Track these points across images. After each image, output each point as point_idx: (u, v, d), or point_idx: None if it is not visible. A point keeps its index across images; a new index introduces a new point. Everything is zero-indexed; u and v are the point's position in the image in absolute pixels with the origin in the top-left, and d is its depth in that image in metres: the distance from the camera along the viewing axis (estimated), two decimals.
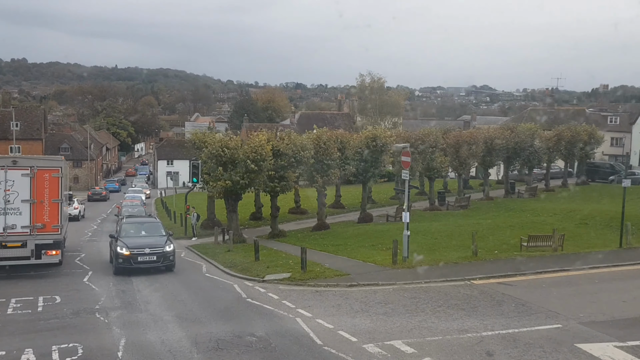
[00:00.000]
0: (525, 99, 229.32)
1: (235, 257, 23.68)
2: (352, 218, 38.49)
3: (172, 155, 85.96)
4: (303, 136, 30.55)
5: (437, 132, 39.28)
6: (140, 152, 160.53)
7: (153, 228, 21.88)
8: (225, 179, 27.57)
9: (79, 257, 25.34)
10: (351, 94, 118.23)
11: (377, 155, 34.02)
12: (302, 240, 28.90)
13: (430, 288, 16.92)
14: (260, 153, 27.56)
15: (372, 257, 21.64)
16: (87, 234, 35.36)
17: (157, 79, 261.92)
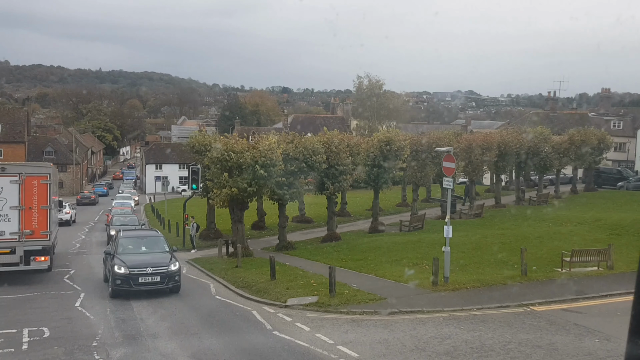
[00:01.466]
0: (511, 104, 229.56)
1: (246, 274, 21.04)
2: (361, 227, 36.03)
3: (160, 159, 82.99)
4: (314, 139, 27.98)
5: (451, 135, 36.95)
6: (125, 156, 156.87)
7: (155, 243, 19.13)
8: (230, 186, 24.94)
9: (68, 274, 22.52)
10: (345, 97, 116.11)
11: (391, 160, 31.57)
12: (314, 253, 26.37)
13: (487, 317, 14.44)
14: (270, 157, 24.97)
15: (403, 276, 19.13)
16: (75, 245, 32.44)
17: (142, 82, 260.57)
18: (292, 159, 26.87)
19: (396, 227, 34.29)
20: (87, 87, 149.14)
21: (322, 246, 28.57)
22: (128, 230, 21.11)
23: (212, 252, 29.10)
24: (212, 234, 32.16)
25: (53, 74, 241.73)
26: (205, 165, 30.11)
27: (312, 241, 31.12)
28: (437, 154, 34.72)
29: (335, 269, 16.59)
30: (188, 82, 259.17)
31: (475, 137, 39.72)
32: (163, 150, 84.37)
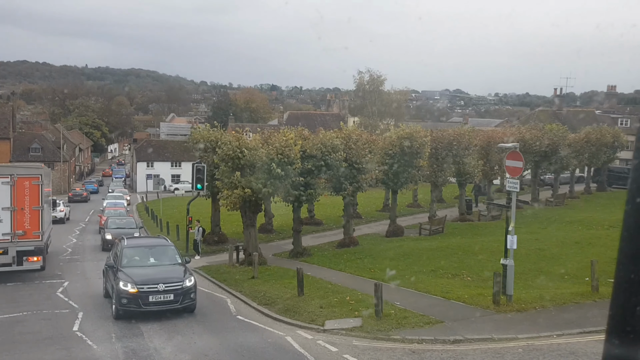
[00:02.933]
0: (499, 102, 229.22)
1: (267, 288, 18.47)
2: (375, 230, 33.57)
3: (152, 156, 79.87)
4: (332, 134, 25.44)
5: (470, 131, 34.60)
6: (114, 154, 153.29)
7: (164, 253, 16.44)
8: (243, 187, 22.34)
9: (62, 286, 19.80)
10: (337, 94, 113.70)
11: (411, 158, 29.12)
12: (334, 261, 23.87)
13: (574, 347, 12.01)
14: (288, 155, 22.42)
15: (452, 292, 16.68)
16: (67, 250, 29.61)
17: (129, 79, 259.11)
18: (309, 157, 24.34)
19: (413, 230, 31.92)
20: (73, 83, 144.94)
21: (340, 252, 26.06)
22: (132, 238, 18.29)
23: (219, 259, 26.50)
24: (217, 237, 29.52)
25: (38, 70, 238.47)
26: (212, 164, 27.53)
27: (327, 246, 28.62)
28: (457, 151, 32.47)
29: (382, 286, 14.04)
30: (175, 79, 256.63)
31: (494, 134, 37.40)
32: (155, 147, 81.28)
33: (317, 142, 24.67)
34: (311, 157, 24.47)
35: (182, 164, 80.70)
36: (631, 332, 1.42)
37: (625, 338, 1.43)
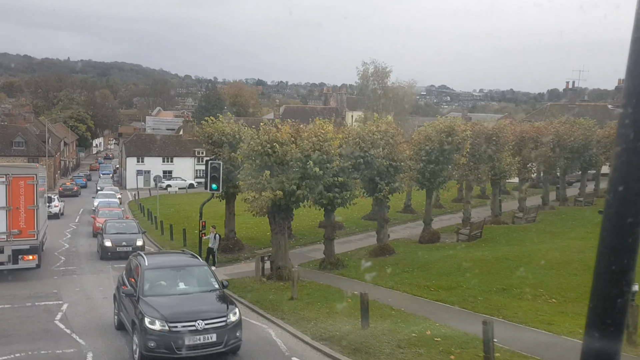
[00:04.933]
0: (485, 98, 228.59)
1: (314, 314, 15.08)
2: (401, 234, 30.38)
3: (142, 151, 75.88)
4: (370, 127, 22.09)
5: (506, 126, 31.45)
6: (99, 148, 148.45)
7: (197, 276, 12.92)
8: (273, 188, 18.92)
9: (60, 311, 16.21)
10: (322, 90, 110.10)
11: (450, 155, 25.91)
12: (377, 275, 20.52)
13: None
14: (327, 151, 19.04)
15: (551, 321, 13.48)
16: (60, 258, 25.93)
17: (112, 72, 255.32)
18: (346, 154, 21.00)
19: (446, 235, 28.75)
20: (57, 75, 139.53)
21: (377, 263, 22.75)
22: (152, 255, 14.52)
23: (237, 270, 23.05)
24: (232, 244, 26.03)
25: (19, 63, 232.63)
26: (227, 160, 24.08)
27: (357, 254, 25.32)
28: (497, 147, 29.32)
29: (492, 325, 10.69)
30: (160, 72, 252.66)
31: (527, 129, 34.31)
32: (145, 142, 77.28)
33: (355, 136, 21.31)
34: (348, 153, 21.13)
35: (175, 159, 77.02)
36: (611, 324, 1.35)
37: (605, 331, 1.36)
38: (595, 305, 1.46)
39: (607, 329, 1.44)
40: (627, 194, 1.37)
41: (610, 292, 1.43)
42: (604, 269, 1.43)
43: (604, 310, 1.45)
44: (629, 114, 1.35)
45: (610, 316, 1.43)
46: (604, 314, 1.45)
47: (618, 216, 1.39)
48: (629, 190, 1.37)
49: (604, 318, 1.45)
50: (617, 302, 1.41)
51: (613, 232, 1.41)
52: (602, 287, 1.45)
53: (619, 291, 1.41)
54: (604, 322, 1.44)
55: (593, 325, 1.47)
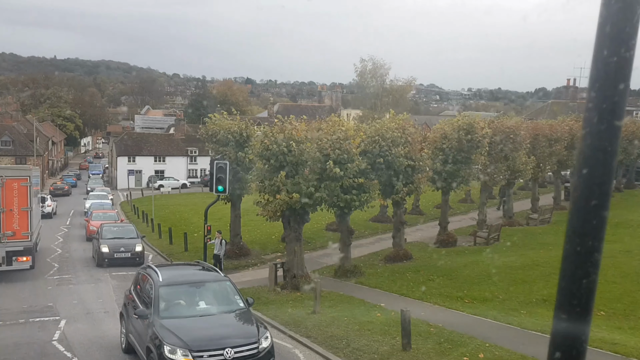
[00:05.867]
0: (473, 97, 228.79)
1: (343, 330, 13.54)
2: (413, 237, 28.91)
3: (133, 151, 73.85)
4: (390, 124, 20.60)
5: (521, 123, 30.11)
6: (87, 147, 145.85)
7: (219, 293, 11.30)
8: (288, 190, 17.39)
9: (58, 329, 14.52)
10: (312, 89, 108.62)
11: (469, 154, 24.53)
12: (398, 283, 19.10)
13: None
14: (347, 150, 17.54)
15: (616, 341, 12.08)
16: (53, 265, 24.21)
17: (99, 70, 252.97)
18: (365, 152, 19.52)
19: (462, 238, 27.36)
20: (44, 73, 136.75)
21: (396, 269, 21.32)
22: (165, 268, 12.73)
23: (246, 278, 21.49)
24: (238, 249, 24.44)
25: (5, 61, 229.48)
26: (233, 160, 22.52)
27: (371, 260, 23.87)
28: (514, 145, 27.98)
29: None
30: (147, 71, 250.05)
31: (541, 127, 32.99)
32: (136, 141, 75.27)
33: (374, 133, 19.83)
34: (365, 152, 19.67)
35: (167, 158, 75.15)
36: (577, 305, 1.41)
37: (572, 312, 1.42)
38: (562, 287, 1.45)
39: (574, 310, 1.43)
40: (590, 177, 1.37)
41: (576, 273, 1.43)
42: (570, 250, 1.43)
43: (570, 292, 1.43)
44: (593, 97, 1.36)
45: (577, 297, 1.42)
46: (570, 295, 1.43)
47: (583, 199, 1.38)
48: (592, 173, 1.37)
49: (570, 299, 1.43)
50: (582, 282, 1.41)
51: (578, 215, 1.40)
52: (569, 268, 1.44)
53: (584, 272, 1.42)
54: (571, 303, 1.43)
55: (561, 307, 1.45)
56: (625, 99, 1.37)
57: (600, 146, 1.37)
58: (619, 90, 1.35)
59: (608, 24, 1.33)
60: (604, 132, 1.37)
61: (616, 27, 1.33)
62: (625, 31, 1.32)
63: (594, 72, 1.37)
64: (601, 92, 1.36)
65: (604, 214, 1.40)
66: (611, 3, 1.32)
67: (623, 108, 1.37)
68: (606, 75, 1.35)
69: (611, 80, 1.35)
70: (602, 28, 1.34)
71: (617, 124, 1.36)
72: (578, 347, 1.46)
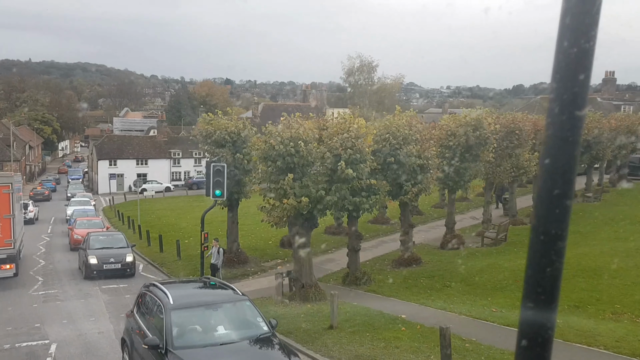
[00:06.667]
0: (452, 95, 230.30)
1: (367, 349, 12.24)
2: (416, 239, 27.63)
3: (114, 154, 71.73)
4: (401, 120, 19.36)
5: (525, 118, 29.12)
6: (65, 151, 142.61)
7: (240, 315, 9.82)
8: (296, 194, 16.06)
9: (49, 355, 13.01)
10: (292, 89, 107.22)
11: (476, 151, 23.44)
12: (411, 290, 17.90)
13: None
14: (360, 150, 16.26)
15: None
16: (37, 279, 22.54)
17: (76, 73, 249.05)
18: (374, 152, 18.27)
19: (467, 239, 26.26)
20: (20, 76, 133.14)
21: (406, 275, 20.10)
22: (175, 286, 11.00)
23: (247, 288, 19.89)
24: (236, 257, 23.02)
25: None
26: (231, 162, 21.12)
27: (377, 264, 22.64)
28: (519, 142, 26.97)
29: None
30: (125, 73, 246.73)
31: (540, 122, 32.03)
32: (117, 144, 73.12)
33: (384, 131, 18.58)
34: (375, 152, 18.41)
35: (149, 161, 73.17)
36: (542, 293, 1.44)
37: (538, 300, 1.45)
38: (529, 276, 1.46)
39: (539, 298, 1.45)
40: (552, 167, 1.41)
41: (540, 261, 1.44)
42: (535, 239, 1.44)
43: (535, 280, 1.45)
44: (554, 88, 1.39)
45: (542, 285, 1.44)
46: (535, 284, 1.45)
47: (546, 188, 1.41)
48: (554, 163, 1.41)
49: (535, 287, 1.45)
50: (547, 271, 1.43)
51: (542, 204, 1.42)
52: (534, 257, 1.45)
53: (548, 260, 1.42)
54: (536, 291, 1.45)
55: (527, 295, 1.47)
56: (587, 89, 1.38)
57: (562, 136, 1.38)
58: (580, 81, 1.37)
59: (568, 16, 1.35)
60: (566, 122, 1.38)
61: (576, 18, 1.35)
62: (584, 22, 1.34)
63: (555, 64, 1.39)
64: (562, 83, 1.37)
65: (567, 202, 1.41)
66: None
67: (584, 98, 1.39)
68: (567, 66, 1.37)
69: (572, 71, 1.37)
70: (562, 20, 1.36)
71: (578, 114, 1.38)
72: (544, 334, 1.46)
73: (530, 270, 1.45)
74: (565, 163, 1.40)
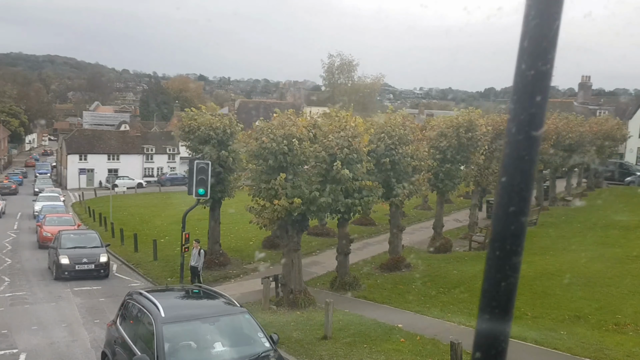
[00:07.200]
0: (426, 96, 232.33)
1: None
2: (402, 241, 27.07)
3: (85, 148, 69.64)
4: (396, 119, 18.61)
5: None
6: (32, 144, 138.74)
7: (239, 330, 8.77)
8: (288, 195, 15.17)
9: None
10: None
11: (468, 153, 22.87)
12: (405, 296, 17.17)
13: None
14: (357, 149, 15.44)
15: None
16: (3, 279, 21.13)
17: (44, 65, 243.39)
18: (369, 152, 17.46)
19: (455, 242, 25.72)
20: None
21: (397, 279, 19.37)
22: (163, 296, 9.77)
23: (230, 292, 18.87)
24: (217, 259, 21.98)
25: None
26: (215, 160, 20.11)
27: (363, 268, 21.87)
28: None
29: None
30: (95, 66, 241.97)
31: None
32: (88, 138, 70.99)
33: (379, 130, 17.80)
34: (369, 152, 17.61)
35: (121, 156, 71.26)
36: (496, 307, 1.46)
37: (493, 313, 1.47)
38: (485, 289, 1.48)
39: (494, 312, 1.46)
40: (509, 185, 1.44)
41: (495, 276, 1.46)
42: (491, 254, 1.47)
43: (490, 294, 1.47)
44: (512, 109, 1.41)
45: (496, 299, 1.46)
46: (490, 298, 1.47)
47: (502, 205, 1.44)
48: (511, 181, 1.44)
49: (490, 301, 1.47)
50: (501, 285, 1.45)
51: (498, 220, 1.45)
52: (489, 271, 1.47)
53: (503, 275, 1.45)
54: (491, 304, 1.46)
55: (483, 308, 1.48)
56: (544, 110, 1.41)
57: (518, 155, 1.42)
58: (536, 102, 1.39)
59: (526, 39, 1.38)
60: (522, 142, 1.41)
61: (534, 42, 1.37)
62: (542, 46, 1.37)
63: (514, 85, 1.43)
64: (519, 104, 1.39)
65: (523, 219, 1.43)
66: (529, 19, 1.36)
67: (541, 119, 1.41)
68: (524, 88, 1.39)
69: (529, 92, 1.39)
70: (521, 43, 1.39)
71: (534, 135, 1.41)
72: (498, 347, 1.48)
73: (486, 284, 1.48)
74: (522, 181, 1.42)
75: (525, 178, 1.42)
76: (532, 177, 1.43)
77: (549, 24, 1.36)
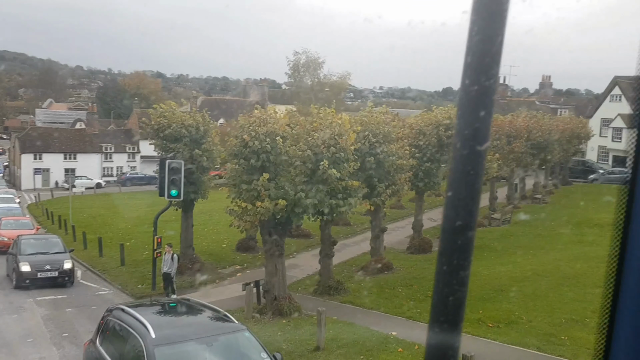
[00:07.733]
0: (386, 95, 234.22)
1: None
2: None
3: (40, 147, 66.78)
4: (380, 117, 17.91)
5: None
6: None
7: (237, 352, 7.82)
8: (271, 196, 14.28)
9: None
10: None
11: (448, 152, 22.41)
12: (394, 301, 16.52)
13: None
14: (343, 148, 14.67)
15: None
16: None
17: None
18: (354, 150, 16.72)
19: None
20: None
21: (381, 283, 18.70)
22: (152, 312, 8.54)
23: (206, 299, 18.04)
24: (191, 264, 20.86)
25: None
26: (187, 159, 19.03)
27: (345, 270, 21.13)
28: None
29: None
30: (47, 62, 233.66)
31: (498, 123, 31.57)
32: (43, 137, 68.13)
33: (363, 128, 17.06)
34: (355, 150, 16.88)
35: (78, 155, 68.67)
36: (445, 321, 1.47)
37: (442, 326, 1.47)
38: (434, 302, 1.49)
39: (442, 326, 1.47)
40: (455, 199, 1.44)
41: (443, 290, 1.46)
42: (439, 268, 1.47)
43: (439, 308, 1.48)
44: (457, 124, 1.42)
45: (444, 313, 1.46)
46: (439, 312, 1.48)
47: (449, 219, 1.44)
48: (457, 195, 1.44)
49: (439, 316, 1.48)
50: (449, 300, 1.45)
51: (445, 235, 1.44)
52: (438, 285, 1.47)
53: (450, 290, 1.45)
54: (439, 320, 1.48)
55: (432, 321, 1.49)
56: (488, 125, 1.41)
57: (464, 170, 1.41)
58: (480, 117, 1.39)
59: (469, 55, 1.38)
60: (467, 156, 1.40)
61: (477, 57, 1.37)
62: (485, 62, 1.37)
63: (458, 100, 1.41)
64: (464, 119, 1.39)
65: (470, 234, 1.43)
66: (472, 35, 1.36)
67: (486, 134, 1.41)
68: (468, 103, 1.39)
69: (473, 107, 1.39)
70: (465, 58, 1.39)
71: (479, 149, 1.40)
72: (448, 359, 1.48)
73: (435, 298, 1.46)
74: (467, 195, 1.40)
75: (472, 192, 1.41)
76: (479, 191, 1.42)
77: (492, 40, 1.35)
